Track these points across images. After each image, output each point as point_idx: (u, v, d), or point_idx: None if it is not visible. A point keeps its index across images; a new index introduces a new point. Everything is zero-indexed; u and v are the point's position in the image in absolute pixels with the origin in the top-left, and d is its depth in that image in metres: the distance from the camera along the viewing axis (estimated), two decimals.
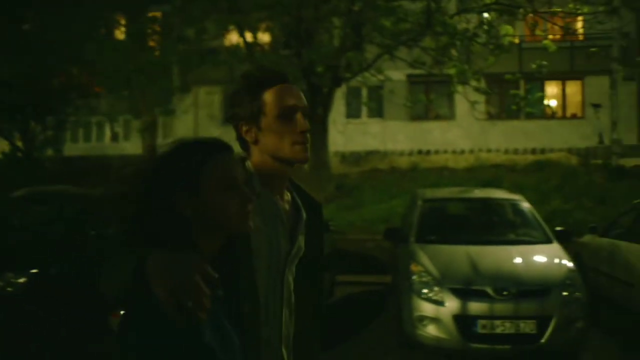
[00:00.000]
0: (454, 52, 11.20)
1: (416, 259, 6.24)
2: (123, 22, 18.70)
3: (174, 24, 17.17)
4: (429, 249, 6.50)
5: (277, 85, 1.79)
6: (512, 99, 12.13)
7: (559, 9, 9.75)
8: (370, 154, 19.33)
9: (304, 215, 1.86)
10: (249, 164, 1.80)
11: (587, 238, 8.59)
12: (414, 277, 5.96)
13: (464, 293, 5.67)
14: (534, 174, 12.68)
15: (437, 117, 20.31)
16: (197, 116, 22.03)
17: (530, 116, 20.76)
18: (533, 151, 16.10)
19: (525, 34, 20.26)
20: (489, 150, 16.83)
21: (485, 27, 10.59)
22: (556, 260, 6.20)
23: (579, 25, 17.78)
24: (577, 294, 5.79)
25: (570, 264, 6.12)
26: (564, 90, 21.12)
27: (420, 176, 13.57)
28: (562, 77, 19.57)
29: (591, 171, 12.81)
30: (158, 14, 19.41)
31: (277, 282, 1.76)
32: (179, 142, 1.48)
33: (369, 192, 12.98)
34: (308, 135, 1.79)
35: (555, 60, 15.47)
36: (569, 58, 18.92)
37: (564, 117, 20.86)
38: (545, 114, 20.64)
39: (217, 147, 1.49)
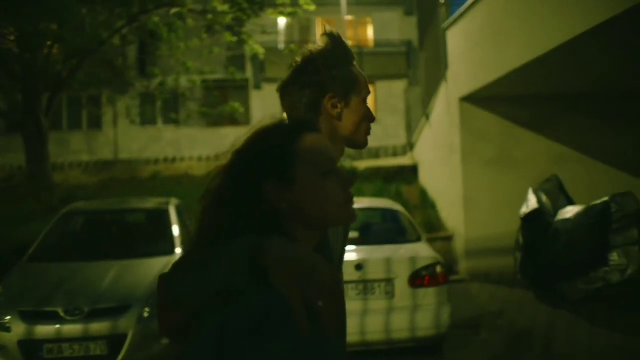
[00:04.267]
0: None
1: (3, 280, 5.82)
2: None
3: None
4: (33, 267, 6.13)
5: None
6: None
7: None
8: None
9: None
10: None
11: None
12: None
13: (33, 316, 5.31)
14: None
15: (234, 122, 19.75)
16: None
17: None
18: None
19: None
20: None
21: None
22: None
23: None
24: None
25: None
26: None
27: (159, 185, 13.18)
28: None
29: None
30: None
31: None
32: (258, 126, 1.27)
33: None
34: None
35: None
36: (358, 63, 19.47)
37: None
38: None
39: (305, 126, 1.27)
